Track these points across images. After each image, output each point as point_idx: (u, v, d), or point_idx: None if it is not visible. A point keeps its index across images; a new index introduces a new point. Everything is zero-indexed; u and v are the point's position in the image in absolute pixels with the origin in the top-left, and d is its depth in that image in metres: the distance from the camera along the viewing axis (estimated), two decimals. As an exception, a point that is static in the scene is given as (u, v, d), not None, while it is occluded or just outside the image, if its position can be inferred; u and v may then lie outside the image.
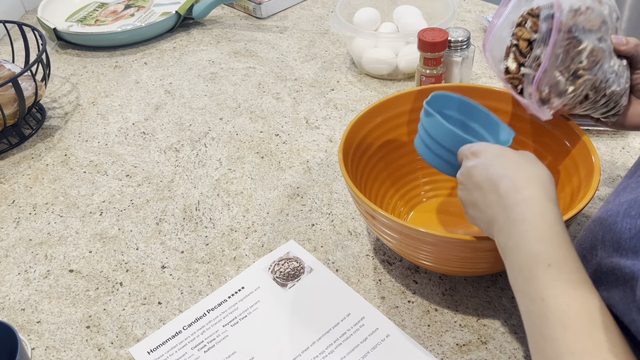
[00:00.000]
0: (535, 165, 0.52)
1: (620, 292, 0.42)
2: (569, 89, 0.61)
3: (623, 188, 0.48)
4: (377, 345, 0.64)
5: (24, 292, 0.73)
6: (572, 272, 0.44)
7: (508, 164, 0.52)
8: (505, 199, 0.50)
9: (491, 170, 0.52)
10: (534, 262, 0.45)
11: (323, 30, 1.23)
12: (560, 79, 0.60)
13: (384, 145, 0.77)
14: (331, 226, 0.79)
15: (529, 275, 0.45)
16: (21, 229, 0.82)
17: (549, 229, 0.46)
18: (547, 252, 0.45)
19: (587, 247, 0.46)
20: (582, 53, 0.59)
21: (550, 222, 0.47)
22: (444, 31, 0.90)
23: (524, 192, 0.49)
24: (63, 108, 1.05)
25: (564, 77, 0.60)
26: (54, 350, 0.66)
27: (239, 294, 0.71)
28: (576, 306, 0.42)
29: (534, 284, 0.45)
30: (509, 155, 0.53)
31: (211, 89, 1.07)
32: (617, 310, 0.42)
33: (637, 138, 0.88)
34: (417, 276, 0.71)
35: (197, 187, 0.86)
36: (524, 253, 0.47)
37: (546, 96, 0.62)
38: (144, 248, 0.78)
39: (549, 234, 0.46)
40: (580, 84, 0.60)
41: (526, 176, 0.50)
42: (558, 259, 0.45)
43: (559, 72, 0.60)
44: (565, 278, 0.44)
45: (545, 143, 0.73)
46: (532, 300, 0.45)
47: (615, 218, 0.44)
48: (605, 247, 0.44)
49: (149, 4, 1.32)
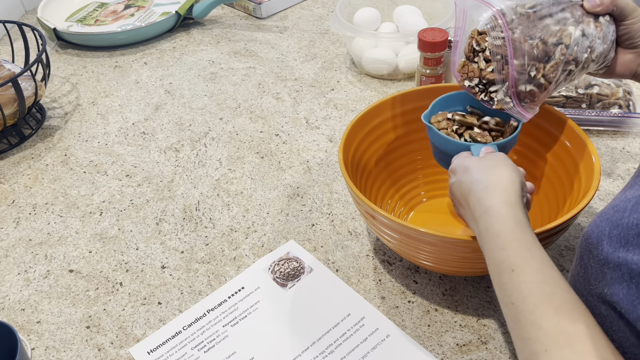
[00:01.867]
0: (497, 169, 0.54)
1: (625, 289, 0.42)
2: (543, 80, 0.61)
3: (630, 185, 0.48)
4: (377, 346, 0.64)
5: (23, 292, 0.73)
6: (536, 272, 0.46)
7: (474, 176, 0.55)
8: (473, 212, 0.53)
9: (462, 187, 0.56)
10: (500, 269, 0.48)
11: (323, 30, 1.23)
12: (532, 72, 0.60)
13: (384, 145, 0.77)
14: (331, 226, 0.78)
15: (498, 282, 0.48)
16: (21, 229, 0.82)
17: (508, 235, 0.49)
18: (509, 259, 0.48)
19: (594, 241, 0.46)
20: (543, 39, 0.60)
21: (508, 228, 0.49)
22: (444, 31, 0.90)
23: (485, 203, 0.52)
24: (63, 108, 1.05)
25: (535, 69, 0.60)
26: (54, 351, 0.66)
27: (239, 294, 0.71)
28: (544, 304, 0.44)
29: (503, 289, 0.47)
30: (474, 167, 0.56)
31: (211, 89, 1.07)
32: (621, 307, 0.42)
33: (637, 138, 0.88)
34: (417, 276, 0.71)
35: (197, 187, 0.86)
36: (491, 262, 0.49)
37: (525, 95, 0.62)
38: (144, 248, 0.78)
39: (509, 241, 0.49)
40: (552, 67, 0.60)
41: (486, 186, 0.53)
42: (519, 263, 0.47)
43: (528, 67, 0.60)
44: (530, 279, 0.46)
45: (545, 143, 0.73)
46: (505, 305, 0.47)
47: (622, 213, 0.44)
48: (611, 241, 0.44)
49: (148, 4, 1.32)
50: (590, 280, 0.46)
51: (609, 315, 0.44)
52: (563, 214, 0.66)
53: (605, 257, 0.44)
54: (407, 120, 0.77)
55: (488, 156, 0.57)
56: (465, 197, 0.55)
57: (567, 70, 0.61)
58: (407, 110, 0.77)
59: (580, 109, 0.88)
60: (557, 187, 0.71)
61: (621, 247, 0.43)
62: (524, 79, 0.61)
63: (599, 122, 0.88)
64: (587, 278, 0.46)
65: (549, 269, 0.47)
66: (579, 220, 0.76)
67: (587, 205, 0.67)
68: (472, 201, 0.53)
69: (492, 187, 0.52)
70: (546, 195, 0.72)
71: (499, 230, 0.49)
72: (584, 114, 0.87)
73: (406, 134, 0.78)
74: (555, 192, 0.71)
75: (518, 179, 0.54)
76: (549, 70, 0.60)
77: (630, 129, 0.89)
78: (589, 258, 0.46)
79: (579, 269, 0.48)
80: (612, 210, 0.46)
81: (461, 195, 0.56)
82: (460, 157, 0.59)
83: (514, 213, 0.50)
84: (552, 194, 0.71)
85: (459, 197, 0.57)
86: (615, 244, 0.43)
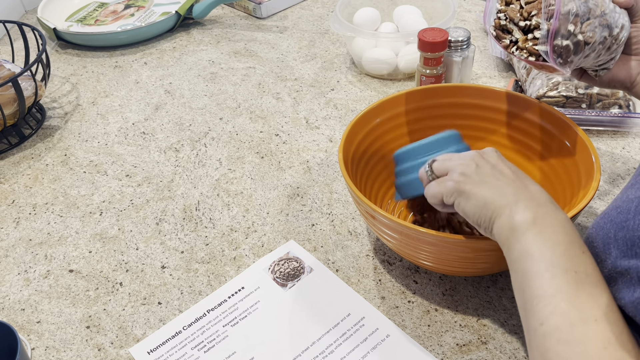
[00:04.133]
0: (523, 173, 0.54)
1: (631, 293, 0.41)
2: (581, 37, 0.61)
3: (631, 185, 0.48)
4: (377, 345, 0.64)
5: (23, 292, 0.73)
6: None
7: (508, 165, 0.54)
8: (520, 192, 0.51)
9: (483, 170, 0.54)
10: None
11: (323, 30, 1.23)
12: (571, 27, 0.61)
13: (384, 145, 0.77)
14: (331, 226, 0.78)
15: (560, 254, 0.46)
16: (21, 229, 0.82)
17: (564, 219, 0.49)
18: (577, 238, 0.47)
19: (599, 245, 0.45)
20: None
21: (562, 216, 0.49)
22: (444, 31, 0.90)
23: (531, 189, 0.52)
24: (63, 108, 1.05)
25: (574, 25, 0.61)
26: (54, 351, 0.66)
27: (239, 294, 0.71)
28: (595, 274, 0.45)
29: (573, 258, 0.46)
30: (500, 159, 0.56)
31: (211, 89, 1.07)
32: (629, 312, 0.42)
33: (637, 138, 0.88)
34: (417, 276, 0.71)
35: (197, 187, 0.86)
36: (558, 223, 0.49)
37: (561, 51, 0.62)
38: (144, 248, 0.78)
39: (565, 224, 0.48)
40: (591, 25, 0.61)
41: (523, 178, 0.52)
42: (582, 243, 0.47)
43: (571, 23, 0.61)
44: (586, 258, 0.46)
45: (545, 143, 0.73)
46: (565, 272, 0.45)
47: (626, 215, 0.43)
48: (618, 244, 0.43)
49: (148, 4, 1.32)
50: None
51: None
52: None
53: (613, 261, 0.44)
54: (408, 120, 0.77)
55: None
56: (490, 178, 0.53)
57: (602, 37, 0.61)
58: (407, 110, 0.77)
59: (580, 109, 0.88)
60: (557, 187, 0.71)
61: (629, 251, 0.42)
62: (564, 28, 0.60)
63: (599, 122, 0.88)
64: None
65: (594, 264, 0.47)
66: (579, 220, 0.76)
67: (587, 205, 0.67)
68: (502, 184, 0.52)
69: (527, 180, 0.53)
70: (546, 195, 0.72)
71: (560, 216, 0.49)
72: (584, 114, 0.87)
73: (406, 133, 0.78)
74: (555, 192, 0.71)
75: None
76: (587, 28, 0.60)
77: (630, 129, 0.89)
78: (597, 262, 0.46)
79: None
80: (615, 211, 0.45)
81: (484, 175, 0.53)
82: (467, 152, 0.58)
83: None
84: (552, 194, 0.71)
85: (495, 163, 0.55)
86: (623, 247, 0.43)
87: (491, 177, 0.53)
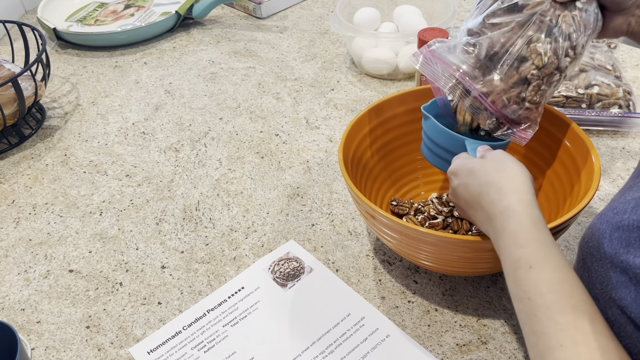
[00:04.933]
0: (506, 169, 0.54)
1: (633, 293, 0.41)
2: (529, 104, 0.60)
3: (629, 187, 0.48)
4: (377, 345, 0.64)
5: (23, 292, 0.73)
6: (554, 270, 0.46)
7: (483, 180, 0.55)
8: (488, 213, 0.53)
9: (471, 190, 0.56)
10: (517, 266, 0.48)
11: (323, 30, 1.23)
12: (517, 102, 0.60)
13: (384, 145, 0.77)
14: (331, 226, 0.78)
15: (514, 279, 0.48)
16: (21, 229, 0.82)
17: (526, 234, 0.49)
18: (527, 256, 0.48)
19: (595, 244, 0.45)
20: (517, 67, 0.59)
21: (526, 226, 0.50)
22: (444, 31, 0.90)
23: (500, 204, 0.52)
24: (63, 108, 1.05)
25: (519, 98, 0.60)
26: (54, 351, 0.66)
27: (239, 294, 0.71)
28: (562, 301, 0.44)
29: (520, 285, 0.47)
30: (480, 170, 0.56)
31: (211, 89, 1.07)
32: (631, 312, 0.42)
33: (637, 138, 0.88)
34: (417, 276, 0.71)
35: (197, 187, 0.86)
36: (508, 259, 0.50)
37: (521, 119, 0.61)
38: (143, 248, 0.78)
39: (527, 239, 0.49)
40: (533, 91, 0.59)
41: (498, 188, 0.53)
42: (538, 260, 0.47)
43: (510, 102, 0.60)
44: (548, 277, 0.46)
45: (545, 143, 0.73)
46: (520, 301, 0.47)
47: (622, 215, 0.43)
48: (612, 244, 0.43)
49: (148, 4, 1.32)
50: (595, 284, 0.46)
51: (616, 321, 0.43)
52: (563, 214, 0.66)
53: (609, 261, 0.44)
54: (408, 120, 0.77)
55: (490, 156, 0.57)
56: (476, 200, 0.55)
57: (552, 82, 0.60)
58: (408, 110, 0.77)
59: (580, 109, 0.88)
60: (557, 187, 0.71)
61: (623, 250, 0.42)
62: (511, 110, 0.60)
63: (599, 122, 0.88)
64: (592, 282, 0.46)
65: (566, 269, 0.47)
66: (579, 220, 0.76)
67: (587, 205, 0.67)
68: (485, 203, 0.53)
69: (506, 188, 0.52)
70: (546, 195, 0.72)
71: (516, 229, 0.50)
72: (584, 114, 0.87)
73: (406, 133, 0.78)
74: (555, 192, 0.71)
75: (528, 177, 0.53)
76: (531, 95, 0.59)
77: (630, 129, 0.89)
78: (592, 262, 0.46)
79: (582, 272, 0.48)
80: (611, 212, 0.45)
81: (470, 197, 0.56)
82: (461, 159, 0.59)
83: (530, 212, 0.50)
84: (552, 194, 0.71)
85: (467, 199, 0.56)
86: (617, 247, 0.43)
87: (473, 221, 0.58)
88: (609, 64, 0.94)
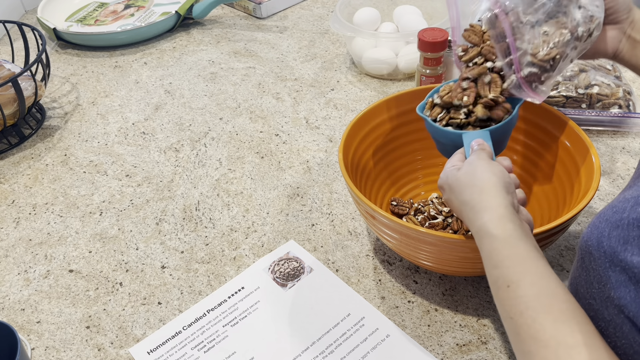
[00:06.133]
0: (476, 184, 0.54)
1: (633, 292, 0.41)
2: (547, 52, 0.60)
3: (629, 187, 0.48)
4: (377, 345, 0.64)
5: (23, 292, 0.73)
6: (530, 286, 0.46)
7: (459, 198, 0.55)
8: (471, 229, 0.54)
9: (454, 206, 0.56)
10: (496, 287, 0.49)
11: (323, 30, 1.23)
12: (538, 53, 0.59)
13: (384, 145, 0.77)
14: (331, 226, 0.78)
15: (497, 298, 0.49)
16: (21, 229, 0.82)
17: (499, 253, 0.49)
18: (503, 276, 0.48)
19: (594, 244, 0.45)
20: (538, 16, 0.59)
21: (499, 246, 0.50)
22: (444, 31, 0.90)
23: (475, 225, 0.52)
24: (63, 108, 1.05)
25: (538, 50, 0.59)
26: (54, 351, 0.66)
27: (239, 294, 0.71)
28: (541, 317, 0.44)
29: (502, 305, 0.48)
30: (456, 187, 0.56)
31: (211, 89, 1.07)
32: (629, 311, 0.42)
33: (637, 138, 0.88)
34: (417, 276, 0.71)
35: (197, 187, 0.86)
36: (489, 279, 0.50)
37: (534, 78, 0.61)
38: (143, 248, 0.78)
39: (500, 258, 0.49)
40: (555, 48, 0.59)
41: (472, 207, 0.53)
42: (514, 278, 0.47)
43: (530, 49, 0.59)
44: (525, 294, 0.46)
45: (545, 143, 0.73)
46: (505, 320, 0.47)
47: (621, 214, 0.43)
48: (611, 243, 0.43)
49: (148, 4, 1.32)
50: (593, 283, 0.46)
51: (613, 321, 0.43)
52: (563, 214, 0.66)
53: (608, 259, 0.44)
54: (407, 120, 0.77)
55: (464, 169, 0.56)
56: (460, 216, 0.56)
57: (572, 46, 0.60)
58: (407, 110, 0.77)
59: (580, 109, 0.88)
60: (557, 187, 0.71)
61: (622, 248, 0.42)
62: (527, 60, 0.59)
63: (599, 122, 0.88)
64: (590, 281, 0.46)
65: (544, 281, 0.47)
66: (579, 220, 0.76)
67: (587, 205, 0.67)
68: (466, 221, 0.54)
69: (478, 206, 0.52)
70: (546, 195, 0.72)
71: (489, 250, 0.50)
72: (584, 114, 0.87)
73: (406, 133, 0.78)
74: (555, 192, 0.71)
75: (501, 184, 0.53)
76: (553, 51, 0.59)
77: (630, 129, 0.89)
78: (590, 261, 0.46)
79: (580, 271, 0.48)
80: (610, 211, 0.45)
81: (456, 212, 0.56)
82: (446, 170, 0.59)
83: (502, 229, 0.50)
84: (552, 194, 0.71)
85: (455, 212, 0.57)
86: (616, 246, 0.43)
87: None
88: (609, 63, 0.94)
